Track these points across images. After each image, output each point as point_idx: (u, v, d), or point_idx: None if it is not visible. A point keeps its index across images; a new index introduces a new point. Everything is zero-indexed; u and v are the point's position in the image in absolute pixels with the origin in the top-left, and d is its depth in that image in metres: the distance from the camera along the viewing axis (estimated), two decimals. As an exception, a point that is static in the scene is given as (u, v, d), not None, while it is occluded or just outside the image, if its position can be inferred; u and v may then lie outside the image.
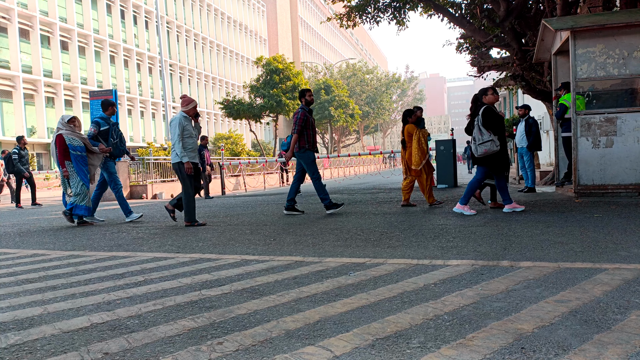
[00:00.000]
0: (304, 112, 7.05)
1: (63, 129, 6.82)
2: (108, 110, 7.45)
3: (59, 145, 6.75)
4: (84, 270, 3.78)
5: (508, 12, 10.64)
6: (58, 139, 6.77)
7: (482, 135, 6.01)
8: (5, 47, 29.88)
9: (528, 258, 3.46)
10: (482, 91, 6.29)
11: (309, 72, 59.53)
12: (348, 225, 5.74)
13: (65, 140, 6.75)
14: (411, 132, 7.36)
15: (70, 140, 6.77)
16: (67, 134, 6.79)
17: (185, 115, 6.29)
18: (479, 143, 6.03)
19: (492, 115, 6.06)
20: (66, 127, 6.84)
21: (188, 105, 6.33)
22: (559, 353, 1.81)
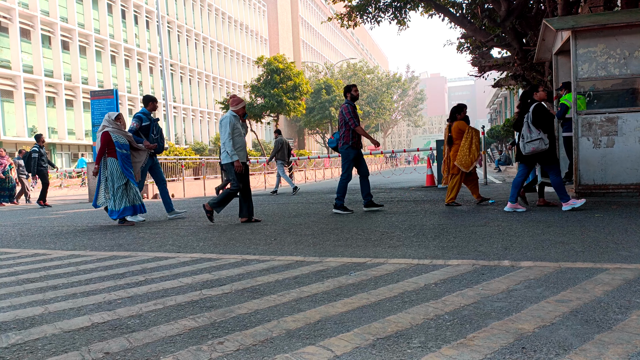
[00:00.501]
0: (351, 106, 7.00)
1: (109, 126, 6.69)
2: (149, 105, 7.37)
3: (103, 142, 6.60)
4: (84, 270, 3.79)
5: (509, 11, 10.64)
6: (103, 135, 6.61)
7: (531, 133, 5.92)
8: (6, 46, 29.91)
9: (529, 258, 3.46)
10: (533, 88, 6.18)
11: (309, 72, 59.53)
12: (349, 225, 5.74)
13: (111, 137, 6.62)
14: (462, 129, 7.08)
15: (116, 138, 6.66)
16: (114, 131, 6.66)
17: (235, 115, 6.31)
18: (527, 141, 5.94)
19: (542, 113, 5.96)
20: (112, 124, 6.72)
21: (238, 104, 6.37)
22: (559, 353, 1.81)
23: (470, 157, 6.97)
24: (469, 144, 6.97)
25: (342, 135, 7.05)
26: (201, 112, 47.92)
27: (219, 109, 36.48)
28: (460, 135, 7.13)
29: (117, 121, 6.77)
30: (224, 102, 31.28)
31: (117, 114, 6.85)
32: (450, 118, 7.40)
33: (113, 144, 6.62)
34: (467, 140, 6.97)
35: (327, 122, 47.35)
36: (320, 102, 45.34)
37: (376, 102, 59.44)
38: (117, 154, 6.63)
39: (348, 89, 7.15)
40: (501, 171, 24.06)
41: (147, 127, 7.30)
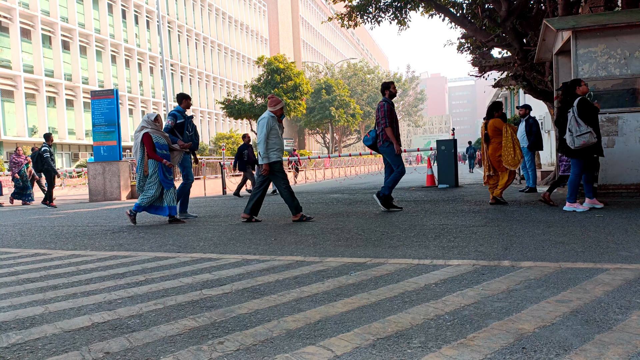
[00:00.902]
0: (389, 104, 6.89)
1: (148, 127, 6.64)
2: (183, 102, 7.30)
3: (147, 143, 6.55)
4: (85, 270, 3.79)
5: (509, 12, 10.64)
6: (145, 137, 6.57)
7: (580, 126, 5.85)
8: (7, 46, 29.92)
9: (529, 258, 3.46)
10: (576, 82, 6.12)
11: (310, 71, 59.54)
12: (349, 225, 5.74)
13: (152, 138, 6.58)
14: (499, 127, 7.01)
15: (156, 139, 6.63)
16: (153, 132, 6.63)
17: (273, 115, 6.30)
18: (577, 135, 5.87)
19: (587, 107, 5.91)
20: (152, 125, 6.67)
21: (276, 105, 6.37)
22: (560, 353, 1.81)
23: (515, 155, 6.91)
24: (512, 142, 6.90)
25: (382, 133, 6.88)
26: (201, 112, 47.93)
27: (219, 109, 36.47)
28: (496, 133, 7.04)
29: (155, 122, 6.72)
30: (224, 102, 31.28)
31: (156, 115, 6.81)
32: (487, 116, 7.29)
33: (154, 145, 6.60)
34: (509, 139, 6.91)
35: (327, 122, 47.36)
36: (321, 102, 45.35)
37: (376, 102, 59.42)
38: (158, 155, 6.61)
39: (386, 86, 6.99)
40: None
41: (181, 124, 7.24)
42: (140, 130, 6.68)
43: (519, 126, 9.87)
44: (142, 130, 6.64)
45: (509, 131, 6.94)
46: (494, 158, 7.19)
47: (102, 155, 14.15)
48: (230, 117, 32.23)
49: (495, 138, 7.11)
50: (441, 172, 12.32)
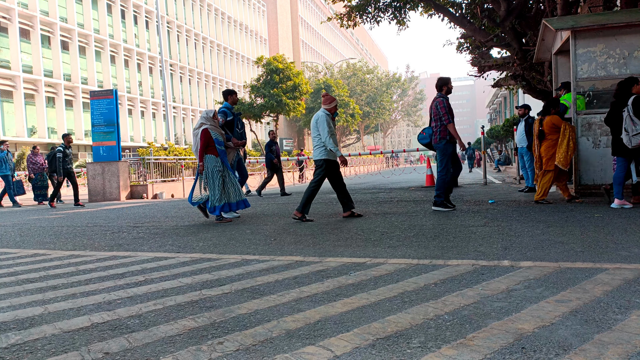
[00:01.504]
0: (447, 100, 6.74)
1: (207, 124, 6.60)
2: (229, 98, 7.20)
3: (203, 139, 6.53)
4: (84, 270, 3.79)
5: (508, 11, 10.65)
6: (203, 133, 6.53)
7: (636, 125, 5.79)
8: (6, 47, 29.90)
9: (529, 258, 3.46)
10: (632, 80, 6.06)
11: (309, 71, 59.52)
12: (348, 225, 5.74)
13: (211, 134, 6.54)
14: (558, 125, 6.79)
15: (215, 135, 6.59)
16: (212, 128, 6.59)
17: (327, 113, 6.31)
18: (634, 134, 5.81)
19: None
20: (210, 121, 6.63)
21: (331, 103, 6.39)
22: (559, 353, 1.81)
23: (569, 155, 6.73)
24: (567, 140, 6.70)
25: (438, 129, 6.72)
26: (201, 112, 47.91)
27: (219, 109, 36.45)
28: (553, 130, 6.85)
29: (214, 119, 6.69)
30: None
31: (214, 111, 6.77)
32: (543, 112, 7.08)
33: (213, 141, 6.55)
34: (566, 137, 6.70)
35: (327, 122, 47.29)
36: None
37: (376, 102, 59.45)
38: (217, 151, 6.57)
39: (445, 82, 6.83)
40: (501, 171, 24.07)
41: (231, 122, 7.17)
42: (199, 126, 6.63)
43: (518, 126, 9.87)
44: (201, 127, 6.59)
45: (567, 129, 6.72)
46: (546, 155, 6.94)
47: (101, 156, 14.14)
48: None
49: (552, 135, 6.86)
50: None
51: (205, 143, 6.50)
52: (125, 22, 39.28)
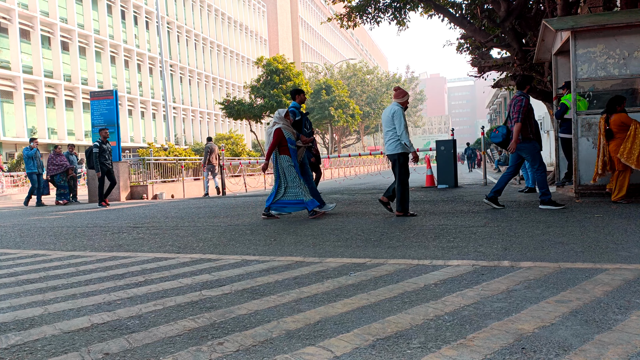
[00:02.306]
0: (527, 99, 6.61)
1: (280, 123, 6.61)
2: (297, 98, 7.14)
3: (276, 139, 6.53)
4: (84, 271, 3.79)
5: (508, 12, 10.65)
6: (277, 132, 6.54)
7: None
8: (6, 47, 29.91)
9: (529, 258, 3.46)
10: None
11: (309, 72, 59.54)
12: (348, 225, 5.74)
13: (284, 134, 6.55)
14: (627, 123, 6.59)
15: (288, 135, 6.60)
16: (285, 127, 6.60)
17: (401, 107, 6.31)
18: None
19: None
20: (283, 121, 6.63)
21: (404, 97, 6.39)
22: (559, 353, 1.81)
23: None
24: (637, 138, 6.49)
25: None
26: (201, 113, 47.93)
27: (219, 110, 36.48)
28: (622, 129, 6.65)
29: (285, 118, 6.69)
30: (223, 103, 31.27)
31: (286, 111, 6.77)
32: (608, 110, 6.88)
33: (286, 141, 6.56)
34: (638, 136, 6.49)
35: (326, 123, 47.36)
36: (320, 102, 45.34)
37: (376, 103, 59.46)
38: (289, 151, 6.58)
39: (528, 80, 6.70)
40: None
41: (299, 121, 7.11)
42: (272, 125, 6.65)
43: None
44: (275, 126, 6.60)
45: (639, 128, 6.52)
46: (615, 155, 6.73)
47: (101, 156, 14.11)
48: (230, 118, 32.22)
49: (620, 134, 6.66)
50: (440, 172, 12.32)
51: (277, 142, 6.50)
52: (125, 23, 39.29)
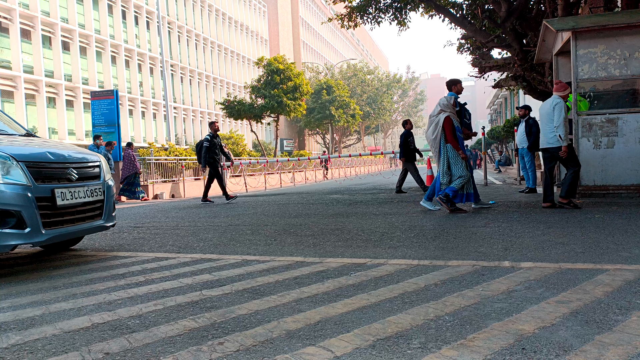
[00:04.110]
0: None
1: (448, 111, 6.47)
2: (453, 89, 6.92)
3: (448, 127, 6.39)
4: (85, 270, 3.79)
5: (509, 12, 10.65)
6: (447, 120, 6.39)
7: None
8: (7, 47, 29.94)
9: (529, 259, 3.46)
10: None
11: (310, 72, 59.54)
12: (349, 225, 5.74)
13: (453, 122, 6.43)
14: None
15: (456, 124, 6.49)
16: (453, 116, 6.48)
17: (562, 100, 6.23)
18: None
19: None
20: (450, 109, 6.49)
21: (565, 90, 6.32)
22: (559, 354, 1.81)
23: None
24: None
25: None
26: (201, 113, 47.95)
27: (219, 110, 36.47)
28: None
29: (453, 106, 6.55)
30: (224, 103, 31.28)
31: (454, 98, 6.60)
32: None
33: (455, 129, 6.43)
34: None
35: (327, 123, 47.38)
36: (321, 102, 45.35)
37: (376, 103, 59.46)
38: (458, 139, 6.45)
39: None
40: (501, 172, 24.07)
41: (458, 112, 6.93)
42: (438, 113, 6.50)
43: (518, 127, 9.87)
44: (442, 114, 6.45)
45: None
46: None
47: (102, 156, 14.12)
48: (230, 118, 32.22)
49: None
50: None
51: (451, 130, 6.36)
52: (126, 23, 39.31)
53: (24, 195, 3.50)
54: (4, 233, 3.41)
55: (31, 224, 3.51)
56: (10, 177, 3.49)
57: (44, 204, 3.63)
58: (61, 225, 3.81)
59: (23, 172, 3.57)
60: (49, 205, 3.68)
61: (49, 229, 3.67)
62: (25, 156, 3.68)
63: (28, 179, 3.58)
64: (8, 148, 3.66)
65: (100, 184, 4.29)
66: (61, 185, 3.82)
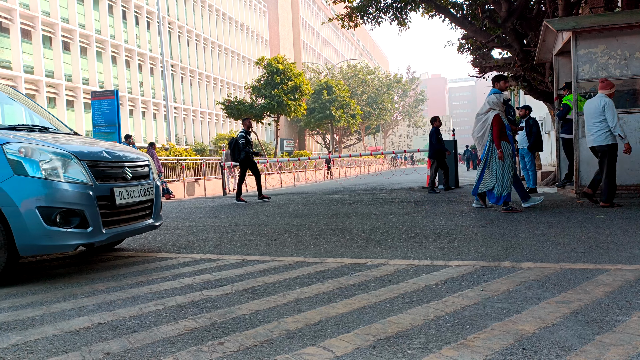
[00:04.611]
0: None
1: (496, 109, 6.38)
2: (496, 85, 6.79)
3: (497, 126, 6.30)
4: (85, 270, 3.79)
5: (509, 12, 10.64)
6: (496, 119, 6.30)
7: None
8: (7, 47, 29.96)
9: (529, 259, 3.46)
10: None
11: (310, 72, 59.55)
12: (349, 225, 5.74)
13: (502, 120, 6.34)
14: None
15: (506, 122, 6.40)
16: (502, 114, 6.39)
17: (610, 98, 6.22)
18: None
19: None
20: (499, 107, 6.40)
21: (611, 88, 6.30)
22: (560, 354, 1.81)
23: None
24: None
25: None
26: (201, 113, 47.96)
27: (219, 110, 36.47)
28: None
29: (503, 105, 6.49)
30: (224, 103, 31.28)
31: (503, 96, 6.51)
32: None
33: (505, 128, 6.36)
34: None
35: (327, 123, 47.38)
36: (321, 102, 45.36)
37: (377, 103, 59.45)
38: (508, 137, 6.37)
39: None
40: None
41: None
42: (487, 111, 6.42)
43: (519, 127, 9.86)
44: (491, 112, 6.38)
45: None
46: None
47: (102, 156, 14.15)
48: (231, 118, 32.23)
49: None
50: (441, 172, 12.29)
51: (499, 129, 6.29)
52: (126, 23, 39.32)
53: (87, 195, 3.47)
54: (69, 232, 3.38)
55: (93, 223, 3.48)
56: (74, 176, 3.46)
57: (103, 203, 3.60)
58: (118, 224, 3.79)
59: (85, 171, 3.53)
60: (108, 205, 3.65)
61: (108, 228, 3.65)
62: (85, 155, 3.64)
63: (90, 177, 3.54)
64: (68, 146, 3.60)
65: (150, 183, 4.28)
66: (118, 184, 3.80)
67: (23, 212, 3.24)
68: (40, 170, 3.33)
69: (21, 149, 3.34)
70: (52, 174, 3.36)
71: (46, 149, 3.42)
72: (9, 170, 3.27)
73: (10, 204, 3.23)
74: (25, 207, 3.24)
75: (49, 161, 3.38)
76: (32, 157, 3.33)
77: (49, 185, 3.32)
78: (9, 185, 3.25)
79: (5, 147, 3.31)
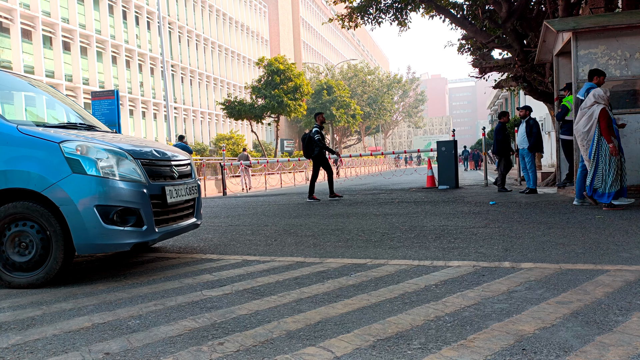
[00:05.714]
0: None
1: (602, 103, 6.19)
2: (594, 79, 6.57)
3: (605, 120, 6.12)
4: (85, 270, 3.79)
5: (510, 13, 10.65)
6: (603, 112, 6.12)
7: None
8: (7, 47, 29.97)
9: (529, 259, 3.46)
10: None
11: (310, 72, 59.56)
12: (349, 226, 5.74)
13: (609, 114, 6.17)
14: None
15: (613, 116, 6.24)
16: (608, 108, 6.21)
17: None
18: None
19: None
20: (604, 100, 6.21)
21: None
22: (560, 354, 1.81)
23: None
24: None
25: None
26: (202, 113, 47.97)
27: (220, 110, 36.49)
28: None
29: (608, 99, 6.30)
30: (224, 103, 31.29)
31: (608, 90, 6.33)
32: None
33: (612, 122, 6.19)
34: None
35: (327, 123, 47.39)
36: (321, 102, 45.38)
37: (377, 103, 59.47)
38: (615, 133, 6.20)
39: None
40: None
41: None
42: (592, 104, 6.25)
43: (519, 128, 9.87)
44: (596, 105, 6.21)
45: None
46: None
47: (102, 156, 14.14)
48: (231, 118, 32.24)
49: None
50: (441, 173, 12.31)
51: (607, 123, 6.10)
52: (127, 23, 39.34)
53: (142, 193, 3.44)
54: (125, 231, 3.34)
55: (147, 222, 3.46)
56: (129, 174, 3.42)
57: (155, 201, 3.58)
58: (167, 223, 3.76)
59: (139, 170, 3.50)
60: (160, 203, 3.62)
61: (160, 226, 3.62)
62: (138, 153, 3.59)
63: (144, 176, 3.51)
64: (122, 145, 3.56)
65: (193, 181, 4.26)
66: (168, 183, 3.78)
67: (81, 210, 3.19)
68: (97, 168, 3.28)
69: (78, 147, 3.28)
70: (108, 173, 3.32)
71: (101, 147, 3.38)
72: (66, 169, 3.22)
73: (69, 202, 3.19)
74: (84, 205, 3.19)
75: (105, 159, 3.34)
76: (88, 156, 3.28)
77: (106, 183, 3.28)
78: (67, 184, 3.20)
79: (63, 145, 3.26)
